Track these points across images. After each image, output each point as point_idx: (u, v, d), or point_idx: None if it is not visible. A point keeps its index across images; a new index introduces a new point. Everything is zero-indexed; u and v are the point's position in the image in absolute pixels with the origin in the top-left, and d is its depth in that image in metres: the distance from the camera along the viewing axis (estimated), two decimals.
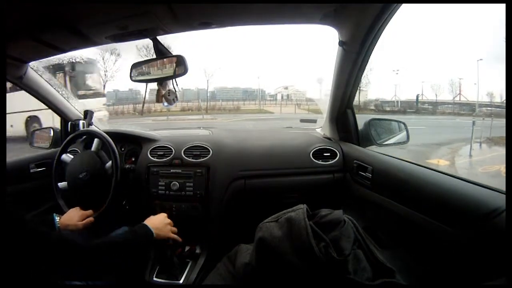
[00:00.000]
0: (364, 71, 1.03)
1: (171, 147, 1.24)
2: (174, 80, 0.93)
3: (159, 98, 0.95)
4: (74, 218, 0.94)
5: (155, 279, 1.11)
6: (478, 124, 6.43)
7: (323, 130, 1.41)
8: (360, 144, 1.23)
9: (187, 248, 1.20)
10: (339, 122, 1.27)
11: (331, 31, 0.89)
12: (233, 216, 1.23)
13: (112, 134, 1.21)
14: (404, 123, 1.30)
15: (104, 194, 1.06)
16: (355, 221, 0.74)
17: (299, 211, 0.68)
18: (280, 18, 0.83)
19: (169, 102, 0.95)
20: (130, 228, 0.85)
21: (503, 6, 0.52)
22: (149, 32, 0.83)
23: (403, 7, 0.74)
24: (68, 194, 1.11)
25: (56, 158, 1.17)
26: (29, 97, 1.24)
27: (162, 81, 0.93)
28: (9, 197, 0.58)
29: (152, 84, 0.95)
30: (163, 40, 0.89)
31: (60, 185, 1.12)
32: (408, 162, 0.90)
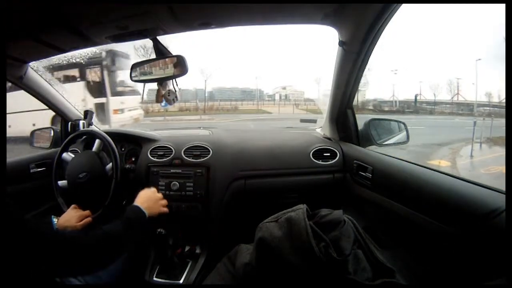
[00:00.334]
0: (364, 71, 1.03)
1: (171, 147, 1.24)
2: (174, 80, 0.94)
3: (159, 98, 0.95)
4: (72, 219, 0.94)
5: (155, 279, 1.11)
6: (478, 124, 6.40)
7: (323, 130, 1.41)
8: (360, 144, 1.23)
9: (187, 248, 1.21)
10: (339, 122, 1.27)
11: (331, 31, 0.89)
12: (233, 216, 1.23)
13: (112, 134, 1.21)
14: (404, 123, 1.30)
15: (104, 195, 1.06)
16: (355, 221, 0.74)
17: (299, 211, 0.68)
18: (280, 18, 0.83)
19: (169, 102, 0.95)
20: (123, 216, 0.83)
21: (503, 6, 0.52)
22: (149, 32, 0.83)
23: (403, 7, 0.74)
24: (68, 192, 1.11)
25: (56, 157, 1.17)
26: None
27: (162, 81, 0.93)
28: (9, 197, 0.58)
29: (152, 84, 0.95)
30: (161, 39, 0.89)
31: (60, 183, 1.12)
32: (408, 162, 0.90)
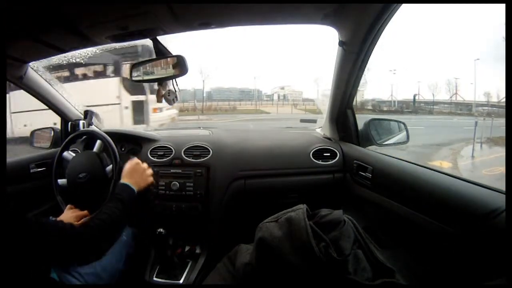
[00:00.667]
0: (364, 71, 1.03)
1: (171, 147, 1.24)
2: (174, 80, 0.94)
3: (159, 98, 0.95)
4: (70, 219, 0.94)
5: (155, 279, 1.11)
6: (479, 124, 6.40)
7: (323, 130, 1.41)
8: (360, 144, 1.23)
9: (187, 248, 1.21)
10: (339, 122, 1.27)
11: (330, 31, 0.89)
12: (233, 216, 1.23)
13: (112, 134, 1.20)
14: (404, 123, 1.30)
15: (103, 195, 1.06)
16: (355, 221, 0.74)
17: (299, 211, 0.68)
18: (280, 18, 0.83)
19: (169, 102, 0.96)
20: (115, 196, 0.85)
21: (502, 6, 0.52)
22: (149, 32, 0.83)
23: (403, 7, 0.74)
24: (67, 191, 1.11)
25: (57, 155, 1.17)
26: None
27: (162, 81, 0.93)
28: (9, 197, 0.58)
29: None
30: (161, 39, 0.88)
31: (59, 181, 1.12)
32: (408, 162, 0.90)
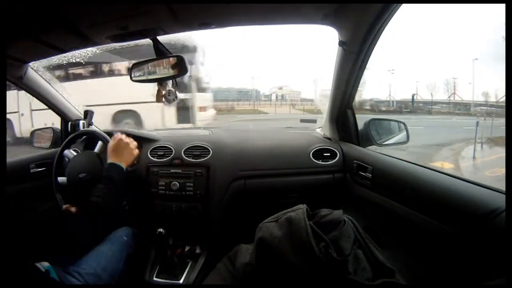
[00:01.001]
0: (364, 71, 1.03)
1: (171, 147, 1.24)
2: (174, 80, 0.94)
3: (159, 98, 0.95)
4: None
5: (155, 279, 1.11)
6: (479, 124, 6.38)
7: (323, 130, 1.41)
8: (360, 144, 1.23)
9: (187, 248, 1.21)
10: (339, 122, 1.27)
11: (330, 31, 0.88)
12: (233, 216, 1.23)
13: (113, 134, 1.20)
14: (404, 123, 1.30)
15: None
16: (355, 221, 0.74)
17: (299, 211, 0.68)
18: (280, 18, 0.83)
19: (169, 102, 0.96)
20: (106, 178, 0.88)
21: (502, 6, 0.52)
22: (149, 32, 0.83)
23: (403, 7, 0.74)
24: (66, 190, 1.11)
25: (57, 154, 1.17)
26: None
27: (162, 81, 0.93)
28: (9, 197, 0.58)
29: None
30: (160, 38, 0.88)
31: (59, 179, 1.13)
32: (408, 162, 0.90)
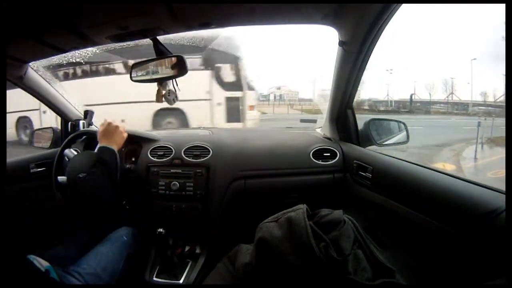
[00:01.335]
0: (364, 71, 1.03)
1: (171, 147, 1.24)
2: (174, 80, 0.94)
3: (159, 98, 0.95)
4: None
5: (155, 279, 1.11)
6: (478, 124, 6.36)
7: (323, 130, 1.41)
8: (360, 144, 1.23)
9: (187, 248, 1.20)
10: (339, 122, 1.27)
11: (328, 31, 0.88)
12: (233, 216, 1.23)
13: None
14: (404, 123, 1.30)
15: None
16: (355, 221, 0.74)
17: (299, 211, 0.68)
18: (280, 18, 0.83)
19: (169, 102, 0.96)
20: (98, 161, 0.90)
21: (502, 6, 0.52)
22: (149, 32, 0.83)
23: (403, 7, 0.74)
24: (66, 189, 1.11)
25: (58, 153, 1.17)
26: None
27: (162, 81, 0.93)
28: (9, 197, 0.58)
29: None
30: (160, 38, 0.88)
31: (59, 178, 1.12)
32: (408, 162, 0.90)
